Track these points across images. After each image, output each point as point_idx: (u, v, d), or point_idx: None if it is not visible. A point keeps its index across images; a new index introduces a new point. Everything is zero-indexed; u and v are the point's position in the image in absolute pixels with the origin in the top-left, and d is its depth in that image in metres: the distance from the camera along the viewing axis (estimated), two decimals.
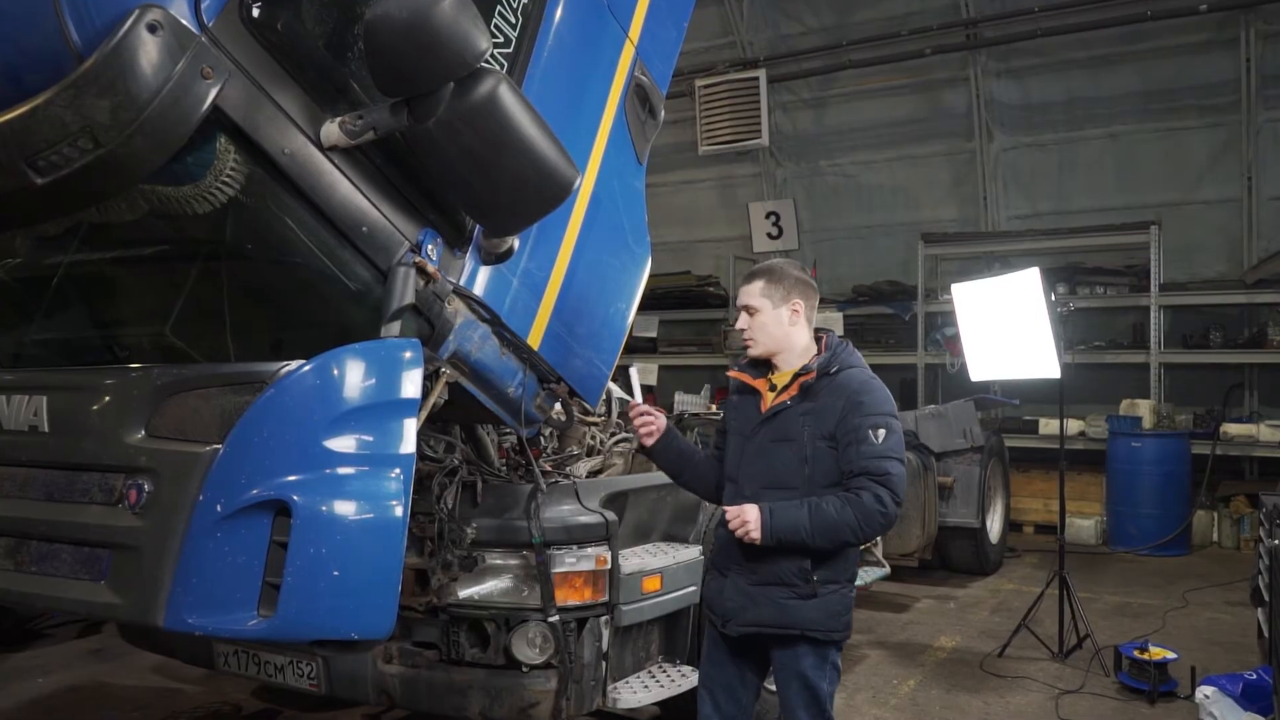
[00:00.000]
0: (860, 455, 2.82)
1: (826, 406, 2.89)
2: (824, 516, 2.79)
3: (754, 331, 2.99)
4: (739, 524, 2.83)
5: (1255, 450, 9.00)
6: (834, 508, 2.79)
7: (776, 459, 2.92)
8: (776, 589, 2.90)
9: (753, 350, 3.02)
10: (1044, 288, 5.39)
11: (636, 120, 3.66)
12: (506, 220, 2.87)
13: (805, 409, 2.91)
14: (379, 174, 2.78)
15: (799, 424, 2.90)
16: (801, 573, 2.87)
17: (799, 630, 2.89)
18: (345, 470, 2.65)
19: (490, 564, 3.51)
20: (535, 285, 3.27)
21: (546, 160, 2.68)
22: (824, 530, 2.79)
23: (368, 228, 2.76)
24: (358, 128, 2.61)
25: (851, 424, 2.84)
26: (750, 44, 11.40)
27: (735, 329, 3.08)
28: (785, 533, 2.80)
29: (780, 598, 2.89)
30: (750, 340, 3.01)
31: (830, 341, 3.04)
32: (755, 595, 2.92)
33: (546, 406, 3.50)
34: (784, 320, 2.98)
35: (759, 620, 2.93)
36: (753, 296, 2.99)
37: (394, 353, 2.76)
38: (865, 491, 2.80)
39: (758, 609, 2.92)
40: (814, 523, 2.79)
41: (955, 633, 6.33)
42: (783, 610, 2.89)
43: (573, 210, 3.35)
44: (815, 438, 2.87)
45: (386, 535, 2.65)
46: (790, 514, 2.81)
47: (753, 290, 3.00)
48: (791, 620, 2.89)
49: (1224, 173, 9.66)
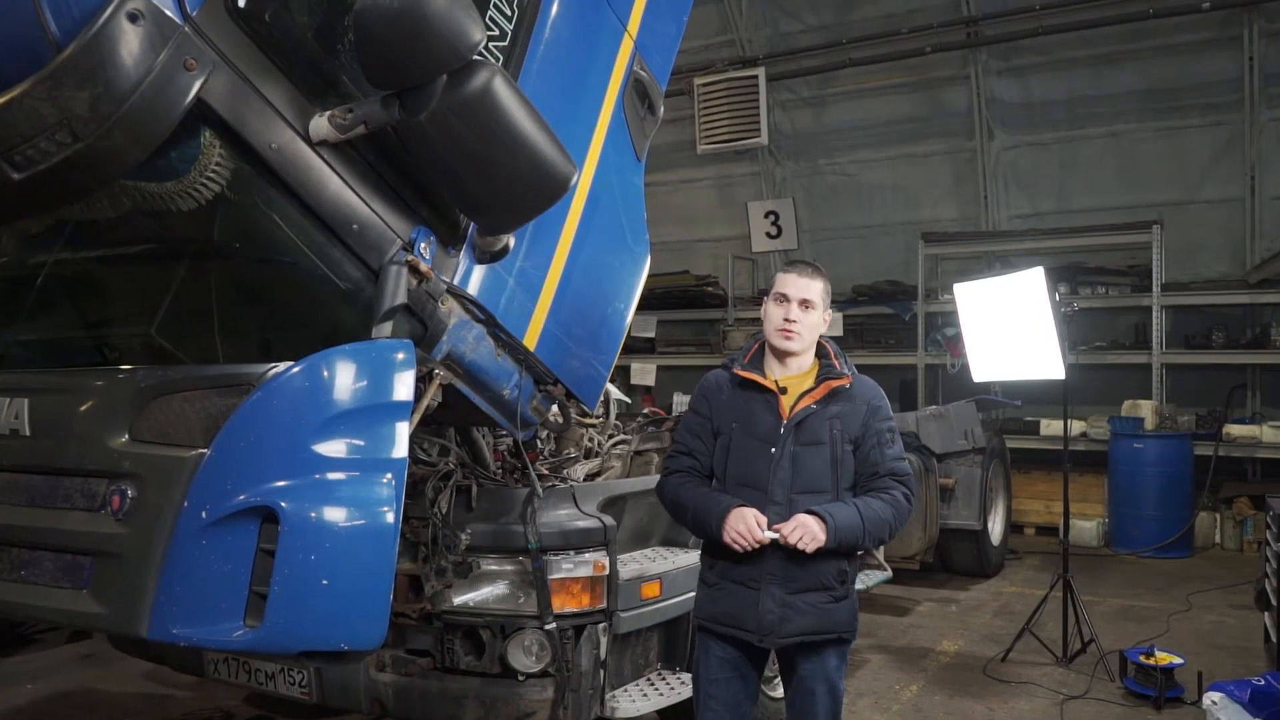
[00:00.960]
0: (885, 458, 2.93)
1: (852, 411, 2.94)
2: (875, 515, 2.85)
3: (803, 327, 2.93)
4: (802, 533, 2.76)
5: (1258, 451, 8.93)
6: (879, 507, 2.87)
7: (809, 463, 2.89)
8: (817, 594, 2.88)
9: (792, 344, 2.93)
10: (1048, 287, 5.30)
11: (635, 116, 3.58)
12: (501, 217, 2.79)
13: (833, 413, 2.93)
14: (370, 170, 2.70)
15: (827, 427, 2.91)
16: (840, 574, 2.90)
17: (836, 634, 2.93)
18: (335, 476, 2.57)
19: (485, 570, 3.44)
20: (531, 284, 3.18)
21: (543, 155, 2.60)
22: (874, 529, 2.86)
23: (358, 225, 2.68)
24: (348, 122, 2.53)
25: (874, 428, 2.94)
26: (749, 42, 11.32)
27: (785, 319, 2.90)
28: (845, 535, 2.81)
29: (821, 603, 2.88)
30: (794, 334, 2.92)
31: (835, 348, 3.06)
32: (797, 604, 2.87)
33: (543, 409, 3.41)
34: (823, 326, 3.01)
35: (802, 629, 2.88)
36: (815, 293, 2.95)
37: (385, 354, 2.68)
38: (896, 490, 2.91)
39: (801, 618, 2.87)
40: (866, 522, 2.84)
41: (958, 637, 6.26)
42: (824, 615, 2.89)
43: (570, 208, 3.27)
44: (843, 441, 2.91)
45: (378, 543, 2.57)
46: (847, 515, 2.83)
47: (816, 288, 2.96)
48: (830, 624, 2.90)
49: (1226, 172, 9.59)
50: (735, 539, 2.79)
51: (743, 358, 3.02)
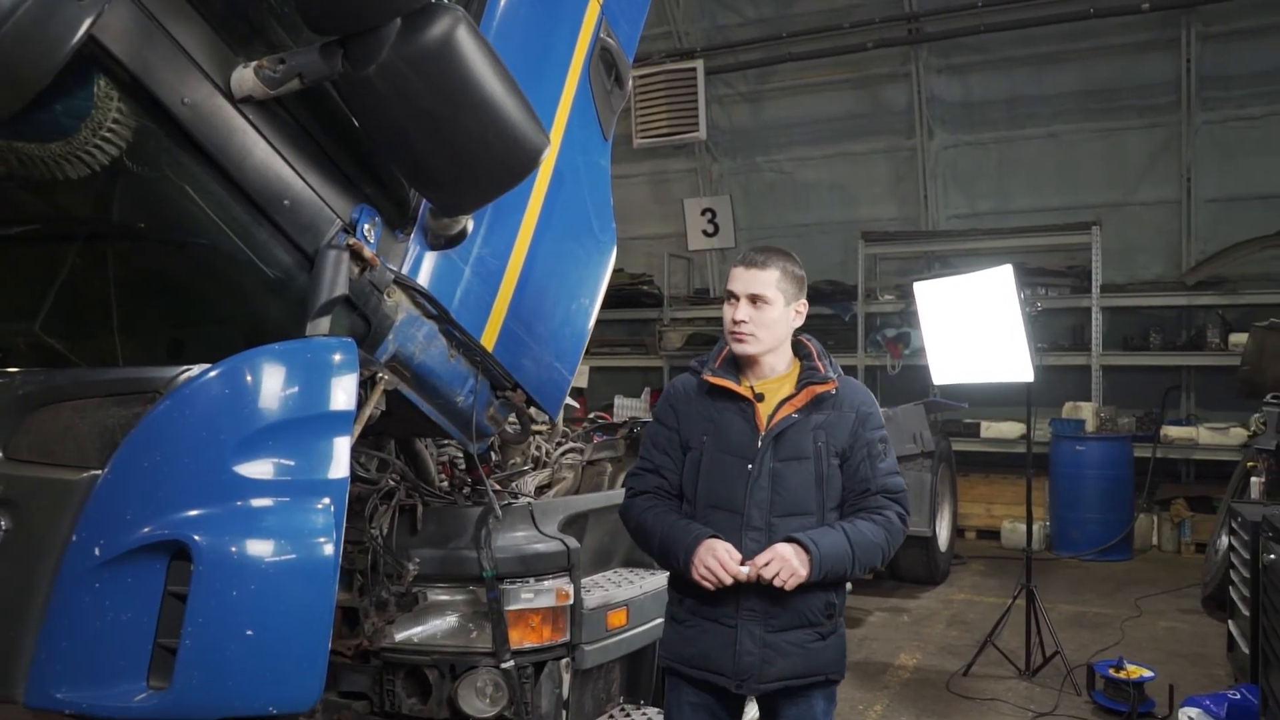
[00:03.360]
0: (877, 473, 2.54)
1: (839, 420, 2.54)
2: (864, 540, 2.45)
3: (757, 326, 2.48)
4: (779, 567, 2.36)
5: (1194, 453, 8.95)
6: (869, 530, 2.48)
7: (790, 481, 2.49)
8: (802, 632, 2.48)
9: (746, 347, 2.50)
10: (1016, 287, 5.09)
11: (602, 89, 3.19)
12: (461, 195, 2.37)
13: (817, 423, 2.52)
14: (304, 134, 2.27)
15: (810, 439, 2.50)
16: (827, 608, 2.50)
17: (823, 675, 2.53)
18: (261, 502, 2.14)
19: (433, 601, 3.02)
20: (490, 276, 2.77)
21: (512, 122, 2.20)
22: (864, 556, 2.47)
23: (290, 201, 2.24)
24: (279, 74, 2.09)
25: (864, 439, 2.55)
26: (687, 34, 11.03)
27: (734, 320, 2.48)
28: (832, 565, 2.41)
29: (807, 642, 2.49)
30: (746, 335, 2.49)
31: (819, 347, 2.65)
32: (778, 644, 2.47)
33: (500, 417, 3.01)
34: (789, 321, 2.55)
35: (785, 672, 2.48)
36: (766, 285, 2.48)
37: (322, 355, 2.25)
38: (889, 510, 2.52)
39: (784, 660, 2.48)
40: (855, 549, 2.44)
41: (914, 650, 6.03)
42: (809, 656, 2.49)
43: (533, 189, 2.86)
44: (829, 455, 2.50)
45: (313, 583, 2.14)
46: (832, 543, 2.42)
47: (767, 278, 2.49)
48: (816, 665, 2.51)
49: (1163, 174, 9.62)
50: (704, 576, 2.39)
51: (713, 360, 2.60)
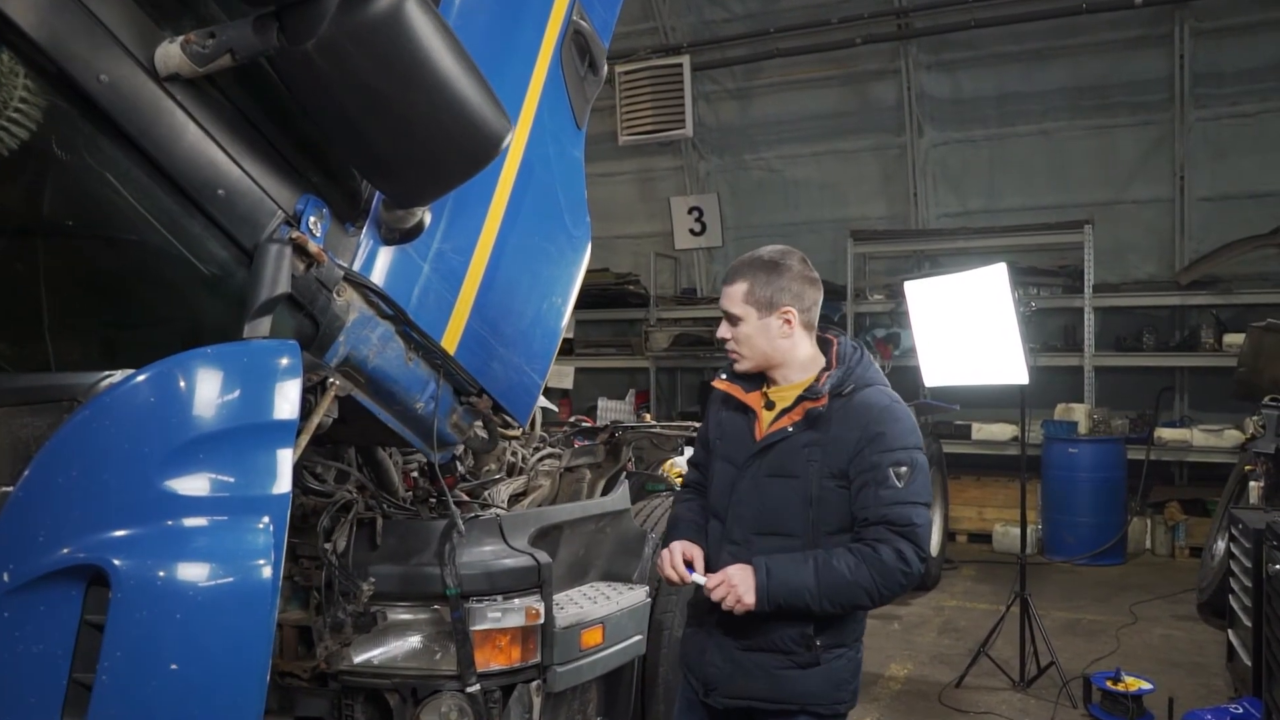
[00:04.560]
0: (879, 500, 2.29)
1: (838, 438, 2.34)
2: (834, 577, 2.26)
3: (738, 344, 2.45)
4: (725, 591, 2.30)
5: (1188, 455, 8.79)
6: (847, 566, 2.26)
7: (774, 499, 2.38)
8: (770, 656, 2.38)
9: (740, 365, 2.48)
10: (1010, 285, 4.92)
11: (575, 75, 3.00)
12: (415, 184, 2.17)
13: (811, 439, 2.35)
14: (241, 118, 2.07)
15: (803, 458, 2.35)
16: (803, 639, 2.35)
17: (798, 705, 2.39)
18: (190, 521, 1.94)
19: (393, 621, 2.83)
20: (452, 273, 2.57)
21: (469, 104, 2.00)
22: (834, 594, 2.27)
23: (224, 190, 2.04)
24: (208, 50, 1.89)
25: (869, 461, 2.30)
26: (673, 30, 10.83)
27: (718, 337, 2.51)
28: (785, 597, 2.28)
29: (775, 667, 2.38)
30: (734, 354, 2.47)
31: (843, 351, 2.44)
32: (744, 663, 2.41)
33: (464, 425, 2.80)
34: (773, 332, 2.41)
35: (749, 693, 2.42)
36: (734, 302, 2.43)
37: (262, 358, 2.05)
38: (885, 545, 2.27)
39: (748, 680, 2.41)
40: (822, 584, 2.26)
41: (906, 659, 5.85)
42: (778, 683, 2.37)
43: (499, 179, 2.67)
44: (823, 476, 2.33)
45: (248, 610, 1.94)
46: (792, 573, 2.28)
47: (734, 294, 2.43)
48: (789, 694, 2.38)
49: (1155, 172, 9.45)
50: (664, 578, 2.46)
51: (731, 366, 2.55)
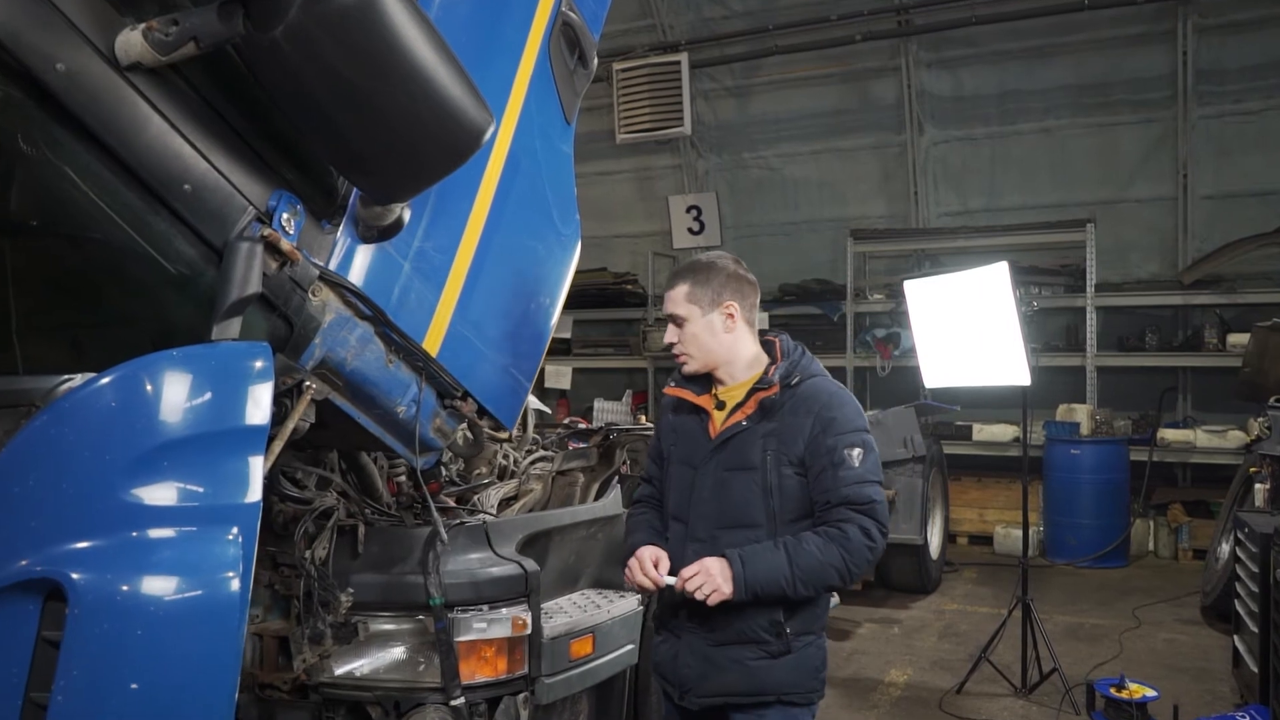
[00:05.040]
0: (839, 481, 2.37)
1: (791, 426, 2.42)
2: (806, 559, 2.32)
3: (685, 345, 2.51)
4: (701, 581, 2.32)
5: (1192, 456, 8.69)
6: (817, 547, 2.33)
7: (734, 492, 2.45)
8: (743, 649, 2.42)
9: (688, 366, 2.54)
10: (1012, 285, 4.82)
11: (564, 67, 2.91)
12: (391, 180, 2.08)
13: (767, 430, 2.44)
14: (209, 109, 1.98)
15: (759, 448, 2.43)
16: (773, 626, 2.39)
17: (774, 695, 2.43)
18: (156, 532, 1.85)
19: (376, 631, 2.74)
20: (434, 272, 2.49)
21: (447, 95, 1.91)
22: (807, 575, 2.33)
23: (191, 185, 1.95)
24: (171, 37, 1.80)
25: (825, 445, 2.39)
26: (671, 27, 10.74)
27: (665, 342, 2.58)
28: (761, 584, 2.32)
29: (748, 659, 2.42)
30: (683, 355, 2.53)
31: (785, 347, 2.56)
32: (717, 658, 2.44)
33: (448, 429, 2.72)
34: (717, 328, 2.50)
35: (725, 689, 2.45)
36: (677, 304, 2.50)
37: (231, 361, 1.97)
38: (849, 524, 2.34)
39: (722, 675, 2.44)
40: (795, 568, 2.32)
41: (905, 664, 5.76)
42: (751, 674, 2.42)
43: (484, 175, 2.58)
44: (780, 464, 2.41)
45: (215, 625, 1.85)
46: (766, 560, 2.33)
47: (676, 296, 2.51)
48: (763, 685, 2.42)
49: (1158, 170, 9.36)
50: (632, 586, 2.46)
51: (680, 370, 2.61)
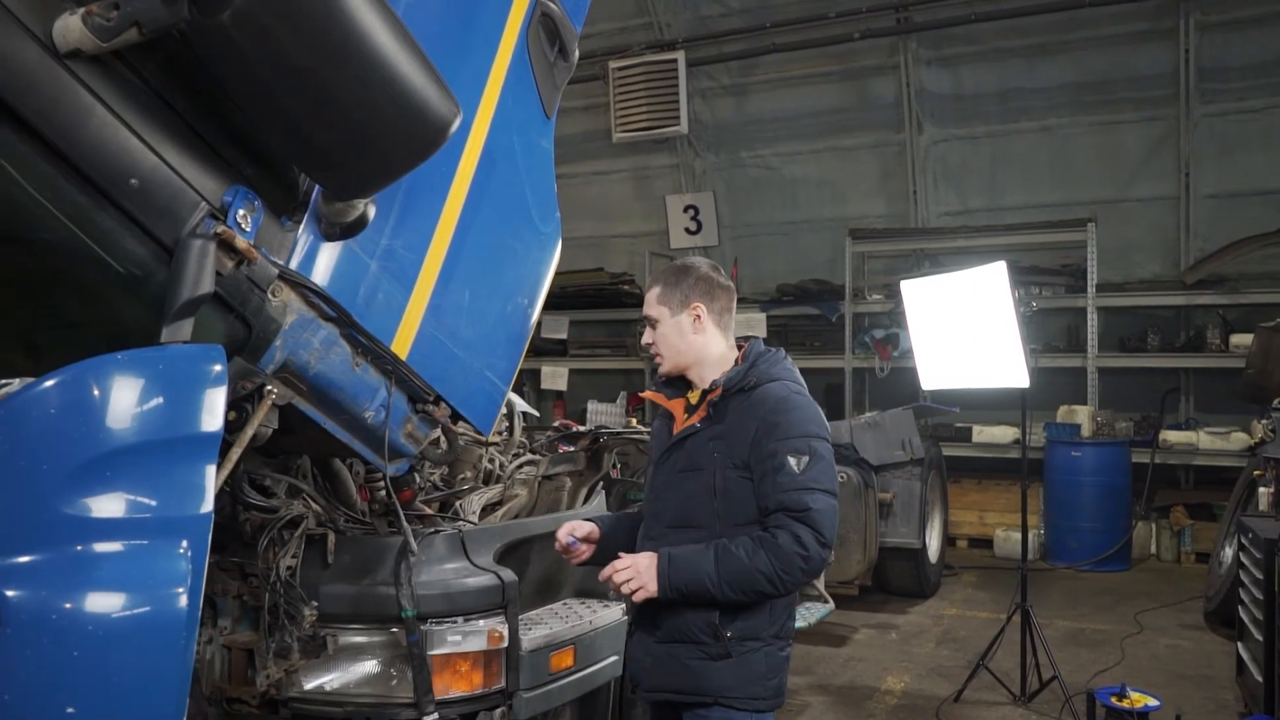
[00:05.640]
0: (777, 487, 2.33)
1: (738, 429, 2.41)
2: (732, 562, 2.30)
3: (657, 345, 2.54)
4: (628, 575, 2.34)
5: (1194, 459, 8.57)
6: (745, 551, 2.30)
7: (684, 493, 2.46)
8: (682, 647, 2.41)
9: (662, 367, 2.57)
10: (1010, 285, 4.72)
11: (543, 59, 2.80)
12: (353, 175, 1.99)
13: (716, 433, 2.44)
14: (158, 100, 1.88)
15: (708, 451, 2.43)
16: (709, 628, 2.36)
17: (711, 697, 2.40)
18: (100, 547, 1.75)
19: (346, 644, 2.64)
20: (403, 271, 2.39)
21: (409, 85, 1.82)
22: (733, 579, 2.30)
23: (139, 180, 1.85)
24: (112, 22, 1.71)
25: (767, 449, 2.36)
26: (667, 25, 10.63)
27: (643, 342, 2.60)
28: (685, 584, 2.32)
29: (687, 658, 2.40)
30: (658, 356, 2.57)
31: (750, 351, 2.54)
32: (661, 655, 2.45)
33: (420, 435, 2.61)
34: (685, 329, 2.51)
35: (667, 685, 2.46)
36: (650, 305, 2.54)
37: (181, 365, 1.87)
38: (783, 531, 2.30)
39: (665, 672, 2.45)
40: (721, 570, 2.30)
41: (902, 671, 5.65)
42: (691, 674, 2.40)
43: (457, 171, 2.48)
44: (725, 467, 2.40)
45: (161, 645, 1.75)
46: (692, 561, 2.33)
47: (650, 298, 2.55)
48: (701, 685, 2.40)
49: (1160, 169, 9.26)
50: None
51: (660, 375, 2.63)
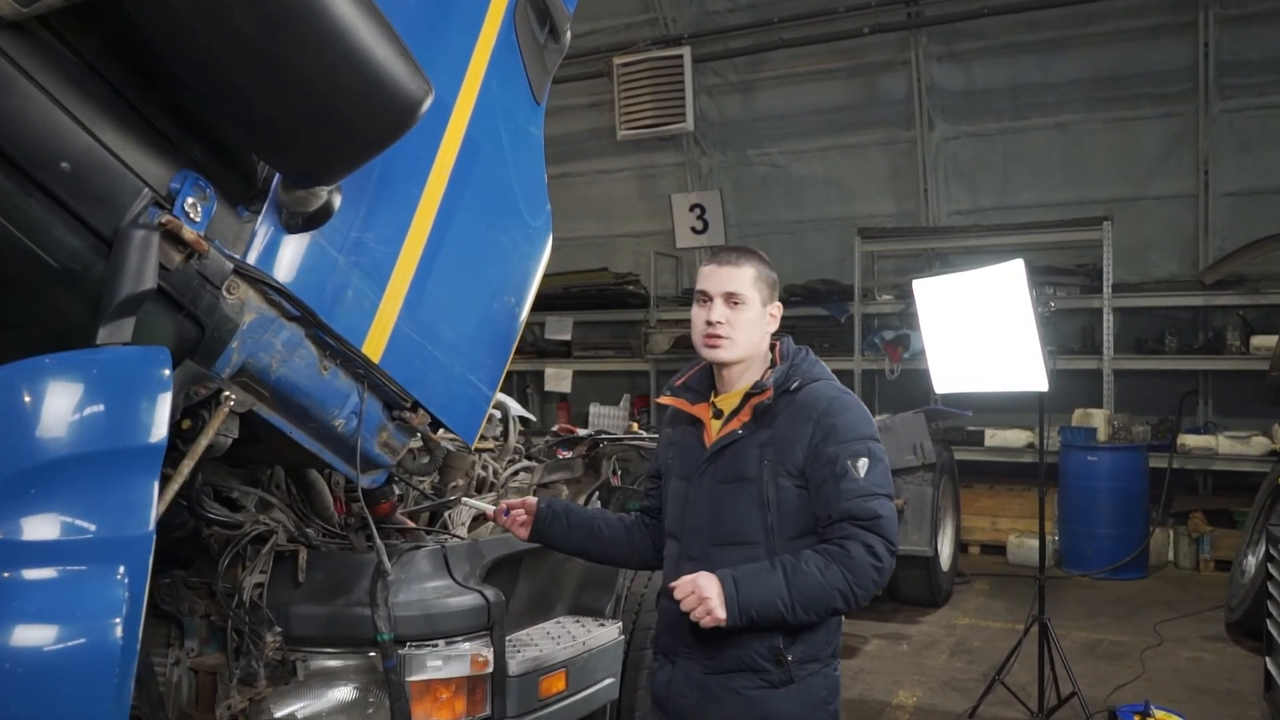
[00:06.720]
0: (841, 495, 2.15)
1: (790, 434, 2.22)
2: (805, 580, 2.10)
3: (733, 329, 2.26)
4: (695, 602, 2.09)
5: (1213, 464, 8.35)
6: (817, 567, 2.11)
7: (730, 506, 2.26)
8: (740, 677, 2.21)
9: (721, 353, 2.28)
10: (1028, 284, 4.51)
11: (531, 40, 2.62)
12: (313, 159, 1.79)
13: (764, 439, 2.24)
14: (93, 74, 1.69)
15: (755, 458, 2.23)
16: (772, 653, 2.19)
17: None
18: (27, 573, 1.57)
19: (318, 669, 2.45)
20: (375, 266, 2.20)
21: (371, 59, 1.63)
22: (807, 599, 2.11)
23: (70, 164, 1.67)
24: None
25: (826, 455, 2.18)
26: (673, 21, 10.44)
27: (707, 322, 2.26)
28: (757, 608, 2.10)
29: (746, 688, 2.21)
30: (723, 340, 2.27)
31: (786, 349, 2.36)
32: (713, 688, 2.24)
33: (396, 444, 2.42)
34: (764, 325, 2.32)
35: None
36: (743, 284, 2.27)
37: (119, 369, 1.68)
38: (853, 542, 2.11)
39: (718, 706, 2.25)
40: (794, 590, 2.10)
41: (915, 685, 5.46)
42: (751, 705, 2.22)
43: (436, 158, 2.29)
44: (778, 475, 2.21)
45: (94, 682, 1.57)
46: (761, 582, 2.11)
47: (743, 276, 2.28)
48: (763, 716, 2.22)
49: (1178, 166, 9.02)
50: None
51: (677, 379, 2.45)
